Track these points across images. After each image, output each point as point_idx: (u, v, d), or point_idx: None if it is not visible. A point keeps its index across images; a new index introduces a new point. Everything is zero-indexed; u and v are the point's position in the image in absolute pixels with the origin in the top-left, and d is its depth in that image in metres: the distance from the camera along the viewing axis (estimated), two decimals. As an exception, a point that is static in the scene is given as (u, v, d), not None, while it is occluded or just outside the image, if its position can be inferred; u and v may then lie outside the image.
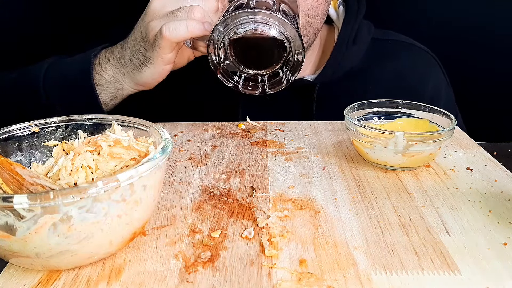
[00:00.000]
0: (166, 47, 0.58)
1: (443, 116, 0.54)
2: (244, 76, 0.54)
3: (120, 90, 0.66)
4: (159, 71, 0.62)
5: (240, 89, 0.55)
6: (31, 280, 0.35)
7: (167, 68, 0.62)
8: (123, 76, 0.65)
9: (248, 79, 0.54)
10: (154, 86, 0.66)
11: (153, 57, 0.60)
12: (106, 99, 0.66)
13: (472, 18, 0.95)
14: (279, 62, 0.52)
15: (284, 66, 0.52)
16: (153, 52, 0.60)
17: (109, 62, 0.65)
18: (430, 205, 0.44)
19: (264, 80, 0.54)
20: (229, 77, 0.54)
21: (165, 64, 0.61)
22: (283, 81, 0.53)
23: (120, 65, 0.64)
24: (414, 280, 0.34)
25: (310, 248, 0.38)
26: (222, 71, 0.53)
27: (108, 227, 0.33)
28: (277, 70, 0.52)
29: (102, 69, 0.65)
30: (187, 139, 0.62)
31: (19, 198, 0.30)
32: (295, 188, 0.48)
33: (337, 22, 0.80)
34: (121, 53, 0.64)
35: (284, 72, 0.52)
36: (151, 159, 0.35)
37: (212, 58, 0.53)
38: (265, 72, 0.53)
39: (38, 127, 0.44)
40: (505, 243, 0.38)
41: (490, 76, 0.98)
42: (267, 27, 0.49)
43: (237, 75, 0.54)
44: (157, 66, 0.61)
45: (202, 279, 0.34)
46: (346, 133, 0.62)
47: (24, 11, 0.96)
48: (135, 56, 0.62)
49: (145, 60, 0.61)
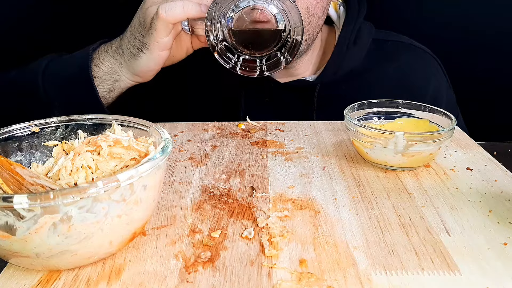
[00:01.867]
0: (162, 28, 0.58)
1: (443, 116, 0.54)
2: (242, 57, 0.53)
3: (118, 82, 0.66)
4: (155, 58, 0.62)
5: (237, 70, 0.55)
6: (31, 280, 0.35)
7: (163, 54, 0.62)
8: (121, 66, 0.65)
9: (246, 60, 0.53)
10: (157, 88, 0.66)
11: (149, 42, 0.60)
12: (104, 91, 0.66)
13: (472, 18, 0.95)
14: (278, 43, 0.51)
15: (283, 47, 0.52)
16: (150, 37, 0.60)
17: (108, 54, 0.65)
18: (430, 205, 0.44)
19: (262, 61, 0.53)
20: (227, 57, 0.53)
21: (161, 49, 0.61)
22: (281, 62, 0.52)
23: (118, 55, 0.65)
24: (414, 280, 0.34)
25: (310, 248, 0.38)
26: (220, 52, 0.53)
27: (108, 227, 0.33)
28: (276, 52, 0.52)
29: (100, 61, 0.65)
30: (187, 139, 0.62)
31: (19, 198, 0.30)
32: (295, 188, 0.48)
33: (338, 23, 0.80)
34: (119, 44, 0.65)
35: (283, 53, 0.52)
36: (151, 159, 0.35)
37: (210, 38, 0.52)
38: (264, 54, 0.53)
39: (38, 127, 0.44)
40: (505, 243, 0.38)
41: (490, 76, 0.98)
42: (266, 3, 0.49)
43: (235, 56, 0.53)
44: (153, 51, 0.61)
45: (202, 279, 0.34)
46: (346, 133, 0.62)
47: (24, 11, 0.96)
48: (132, 44, 0.63)
49: (141, 46, 0.62)
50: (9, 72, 0.70)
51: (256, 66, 0.54)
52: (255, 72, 0.54)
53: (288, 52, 0.51)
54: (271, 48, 0.52)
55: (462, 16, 0.95)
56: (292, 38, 0.50)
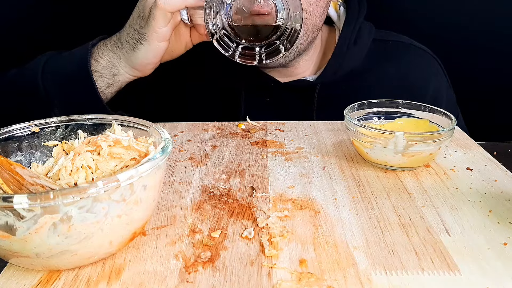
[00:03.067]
0: (160, 18, 0.58)
1: (443, 116, 0.54)
2: (241, 45, 0.53)
3: (116, 76, 0.66)
4: (154, 49, 0.62)
5: (236, 58, 0.54)
6: (31, 280, 0.35)
7: (162, 46, 0.62)
8: (119, 60, 0.65)
9: (245, 48, 0.53)
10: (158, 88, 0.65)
11: (147, 33, 0.60)
12: (103, 86, 0.66)
13: (472, 18, 0.95)
14: (277, 31, 0.51)
15: (281, 36, 0.51)
16: (148, 27, 0.60)
17: (107, 48, 0.66)
18: (430, 205, 0.44)
19: (261, 49, 0.53)
20: (226, 45, 0.53)
21: (159, 40, 0.61)
22: (280, 49, 0.52)
23: (116, 49, 0.65)
24: (414, 280, 0.34)
25: (310, 248, 0.38)
26: (219, 39, 0.53)
27: (108, 227, 0.33)
28: (275, 40, 0.52)
29: (99, 55, 0.65)
30: (187, 139, 0.62)
31: (19, 198, 0.30)
32: (295, 188, 0.48)
33: (338, 23, 0.80)
34: (118, 38, 0.65)
35: (281, 41, 0.51)
36: (151, 159, 0.35)
37: (209, 26, 0.52)
38: (263, 43, 0.52)
39: (38, 127, 0.44)
40: (505, 243, 0.38)
41: (490, 76, 0.98)
42: None
43: (234, 44, 0.53)
44: (152, 42, 0.61)
45: (202, 279, 0.34)
46: (346, 133, 0.62)
47: (24, 11, 0.96)
48: (131, 36, 0.63)
49: (140, 38, 0.62)
50: (9, 72, 0.71)
51: (255, 54, 0.53)
52: (254, 60, 0.54)
53: (287, 40, 0.51)
54: (270, 37, 0.52)
55: (462, 16, 0.95)
56: (291, 27, 0.50)
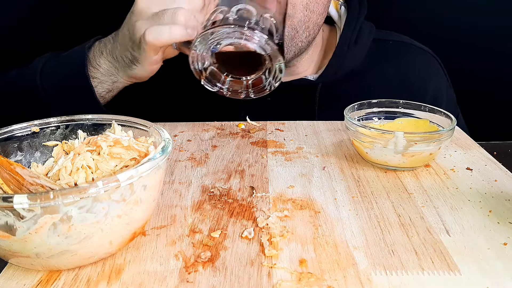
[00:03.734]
0: (150, 50, 0.59)
1: (443, 116, 0.54)
2: (228, 81, 0.54)
3: (116, 83, 0.67)
4: (148, 69, 0.63)
5: (224, 93, 0.55)
6: (31, 280, 0.35)
7: (155, 67, 0.63)
8: (117, 70, 0.65)
9: (233, 84, 0.54)
10: (157, 89, 0.65)
11: (140, 59, 0.61)
12: (103, 91, 0.66)
13: (472, 18, 0.95)
14: (261, 71, 0.52)
15: (267, 72, 0.52)
16: (140, 54, 0.60)
17: (103, 56, 0.66)
18: (430, 205, 0.44)
19: (248, 85, 0.54)
20: (213, 83, 0.54)
21: (152, 64, 0.62)
22: (266, 88, 0.53)
23: (112, 59, 0.65)
24: (414, 280, 0.34)
25: (310, 248, 0.38)
26: (206, 78, 0.53)
27: (108, 227, 0.33)
28: (261, 76, 0.52)
29: (97, 63, 0.65)
30: (187, 139, 0.62)
31: (19, 198, 0.30)
32: (295, 188, 0.48)
33: (339, 23, 0.80)
34: (113, 47, 0.65)
35: (267, 79, 0.52)
36: (151, 159, 0.35)
37: (195, 66, 0.53)
38: (249, 78, 0.53)
39: (38, 127, 0.44)
40: (505, 243, 0.38)
41: (490, 76, 0.98)
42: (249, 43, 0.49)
43: (221, 80, 0.54)
44: (145, 66, 0.62)
45: (202, 279, 0.34)
46: (346, 133, 0.62)
47: (24, 11, 0.96)
48: (125, 54, 0.63)
49: (133, 60, 0.62)
50: (9, 72, 0.71)
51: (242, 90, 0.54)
52: (241, 95, 0.55)
53: (273, 78, 0.52)
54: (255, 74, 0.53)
55: (462, 16, 0.95)
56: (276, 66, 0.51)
